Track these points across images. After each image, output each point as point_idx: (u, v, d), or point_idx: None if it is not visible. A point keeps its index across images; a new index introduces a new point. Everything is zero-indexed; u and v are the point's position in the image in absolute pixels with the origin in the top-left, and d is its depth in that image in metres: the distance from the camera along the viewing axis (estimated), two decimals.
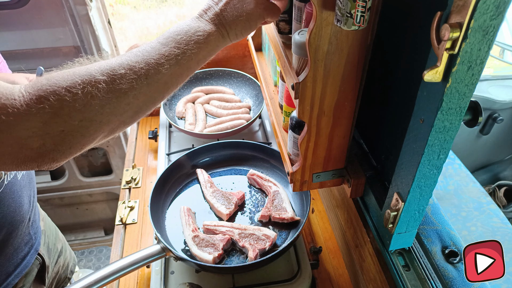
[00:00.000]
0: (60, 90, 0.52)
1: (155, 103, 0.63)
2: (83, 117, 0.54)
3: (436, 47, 0.46)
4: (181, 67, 0.61)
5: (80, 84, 0.53)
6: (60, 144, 0.54)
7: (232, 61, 1.58)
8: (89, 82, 0.54)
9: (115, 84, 0.55)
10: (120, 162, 2.12)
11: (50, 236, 1.19)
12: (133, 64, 0.57)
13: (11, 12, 1.56)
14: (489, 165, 2.33)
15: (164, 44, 0.60)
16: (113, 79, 0.55)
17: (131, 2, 4.69)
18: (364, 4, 0.54)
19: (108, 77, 0.55)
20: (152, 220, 0.98)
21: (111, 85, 0.55)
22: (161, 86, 0.61)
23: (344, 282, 1.04)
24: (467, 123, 0.60)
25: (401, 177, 0.65)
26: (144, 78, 0.57)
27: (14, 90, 0.52)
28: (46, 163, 0.55)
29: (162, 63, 0.59)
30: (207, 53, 0.64)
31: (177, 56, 0.60)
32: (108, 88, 0.55)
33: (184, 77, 0.64)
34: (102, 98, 0.54)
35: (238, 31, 0.65)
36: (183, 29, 0.62)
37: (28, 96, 0.51)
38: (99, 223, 2.43)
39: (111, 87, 0.55)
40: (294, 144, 0.83)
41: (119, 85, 0.55)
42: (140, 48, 0.60)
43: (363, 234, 0.89)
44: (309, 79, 0.64)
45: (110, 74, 0.55)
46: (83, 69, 0.55)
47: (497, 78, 2.21)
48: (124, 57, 0.58)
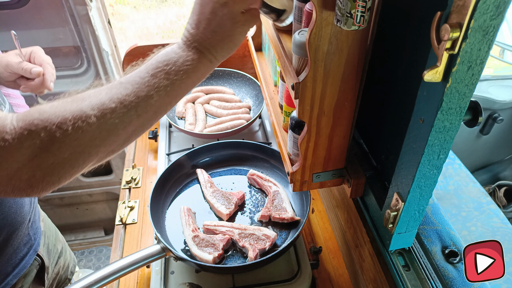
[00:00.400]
0: (51, 126, 0.53)
1: (144, 130, 0.64)
2: (73, 150, 0.55)
3: (436, 47, 0.46)
4: (170, 97, 0.61)
5: (71, 120, 0.54)
6: (49, 175, 0.55)
7: (232, 61, 1.58)
8: (79, 118, 0.54)
9: (106, 119, 0.56)
10: (120, 162, 2.12)
11: (50, 237, 1.19)
12: (124, 97, 0.57)
13: (11, 12, 1.56)
14: (489, 165, 2.33)
15: (154, 75, 0.60)
16: (103, 113, 0.56)
17: (131, 2, 4.69)
18: (364, 4, 0.54)
19: (99, 111, 0.55)
20: (152, 220, 0.98)
21: (101, 119, 0.56)
22: (150, 115, 0.61)
23: (344, 282, 1.04)
24: (467, 123, 0.60)
25: (401, 177, 0.65)
26: (134, 111, 0.58)
27: (6, 122, 0.52)
28: (35, 193, 0.56)
29: (151, 95, 0.59)
30: (197, 79, 0.64)
31: (167, 87, 0.60)
32: (98, 122, 0.55)
33: (173, 104, 0.64)
34: (93, 132, 0.55)
35: (225, 52, 0.65)
36: (172, 59, 0.61)
37: (19, 130, 0.52)
38: (99, 223, 2.43)
39: (102, 121, 0.56)
40: (294, 144, 0.83)
41: (109, 119, 0.56)
42: (130, 78, 0.60)
43: (363, 234, 0.89)
44: (309, 79, 0.64)
45: (101, 108, 0.56)
46: (75, 104, 0.55)
47: (497, 78, 2.21)
48: (114, 90, 0.58)
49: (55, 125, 0.53)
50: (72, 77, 1.79)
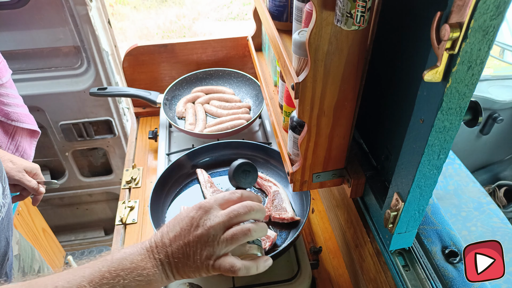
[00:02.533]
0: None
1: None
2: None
3: (436, 47, 0.46)
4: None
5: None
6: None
7: (232, 61, 1.58)
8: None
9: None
10: (120, 162, 2.13)
11: (26, 259, 1.15)
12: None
13: (11, 12, 1.57)
14: (489, 165, 2.33)
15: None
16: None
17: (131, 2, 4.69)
18: (364, 4, 0.54)
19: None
20: (152, 220, 0.98)
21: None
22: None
23: (344, 282, 1.04)
24: (467, 123, 0.60)
25: (401, 177, 0.65)
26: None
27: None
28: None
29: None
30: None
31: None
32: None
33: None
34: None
35: (185, 275, 0.62)
36: (125, 268, 0.57)
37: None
38: (99, 223, 2.43)
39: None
40: (294, 144, 0.83)
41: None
42: (64, 283, 0.54)
43: (363, 234, 0.89)
44: (309, 79, 0.64)
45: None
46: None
47: (497, 78, 2.21)
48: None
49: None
50: (72, 77, 1.79)
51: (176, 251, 0.61)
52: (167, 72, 1.57)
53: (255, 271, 0.63)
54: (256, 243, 0.68)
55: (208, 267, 0.61)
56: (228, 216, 0.63)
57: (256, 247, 0.67)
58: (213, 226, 0.61)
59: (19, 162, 1.05)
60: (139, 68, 1.54)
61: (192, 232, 0.61)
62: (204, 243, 0.61)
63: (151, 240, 0.63)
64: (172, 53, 1.52)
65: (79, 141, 2.00)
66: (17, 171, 1.02)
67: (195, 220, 0.62)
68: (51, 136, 1.96)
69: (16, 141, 1.41)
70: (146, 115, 1.63)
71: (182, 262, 0.61)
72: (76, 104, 1.85)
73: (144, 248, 0.61)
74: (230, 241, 0.61)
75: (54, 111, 1.87)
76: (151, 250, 0.61)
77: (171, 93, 1.49)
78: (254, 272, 0.63)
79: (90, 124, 1.95)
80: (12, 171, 1.01)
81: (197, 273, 0.62)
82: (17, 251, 1.08)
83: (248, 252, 0.66)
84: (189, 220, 0.62)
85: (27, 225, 1.76)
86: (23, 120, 1.39)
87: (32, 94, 1.77)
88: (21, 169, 1.04)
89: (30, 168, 1.06)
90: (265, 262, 0.66)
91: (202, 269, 0.61)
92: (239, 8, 4.64)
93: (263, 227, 0.66)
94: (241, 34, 1.52)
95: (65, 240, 2.38)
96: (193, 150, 1.20)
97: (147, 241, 0.63)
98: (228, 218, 0.63)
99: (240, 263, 0.62)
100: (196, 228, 0.61)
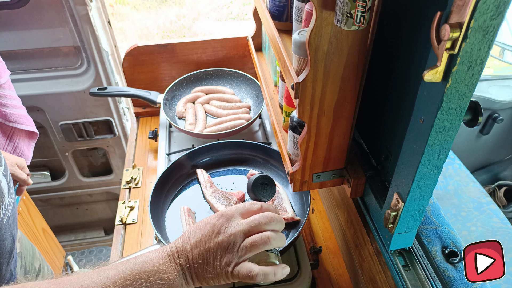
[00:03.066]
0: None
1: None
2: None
3: (436, 47, 0.46)
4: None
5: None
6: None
7: (232, 61, 1.58)
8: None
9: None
10: (120, 162, 2.13)
11: (27, 256, 1.18)
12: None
13: (11, 12, 1.57)
14: (489, 165, 2.33)
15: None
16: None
17: (131, 2, 4.69)
18: (364, 4, 0.54)
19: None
20: (152, 220, 0.98)
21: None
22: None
23: (344, 282, 1.04)
24: (467, 123, 0.60)
25: (401, 177, 0.65)
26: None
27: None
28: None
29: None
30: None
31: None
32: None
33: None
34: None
35: (204, 282, 0.63)
36: (147, 271, 0.59)
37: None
38: (99, 223, 2.43)
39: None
40: (294, 144, 0.83)
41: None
42: (90, 282, 0.57)
43: (363, 234, 0.89)
44: (309, 79, 0.64)
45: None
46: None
47: (497, 78, 2.21)
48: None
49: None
50: (72, 77, 1.79)
51: (196, 256, 0.62)
52: (167, 72, 1.57)
53: (273, 278, 0.64)
54: (274, 252, 0.68)
55: (228, 274, 0.62)
56: (249, 225, 0.64)
57: (274, 255, 0.68)
58: (234, 233, 0.62)
59: (11, 157, 1.16)
60: (139, 68, 1.54)
61: (213, 239, 0.62)
62: (224, 250, 0.62)
63: (173, 245, 0.64)
64: (172, 53, 1.52)
65: (79, 141, 2.00)
66: (10, 165, 1.13)
67: (216, 227, 0.63)
68: (51, 136, 1.96)
69: (14, 142, 1.41)
70: (146, 115, 1.63)
71: (202, 268, 0.62)
72: (76, 104, 1.85)
73: (165, 252, 0.62)
74: (250, 249, 0.62)
75: (54, 111, 1.87)
76: (172, 255, 0.62)
77: (171, 93, 1.49)
78: (272, 279, 0.64)
79: (90, 124, 1.95)
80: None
81: (216, 280, 0.63)
82: (18, 249, 1.10)
83: (267, 260, 0.66)
84: (210, 227, 0.64)
85: (27, 225, 1.75)
86: (21, 122, 1.39)
87: (32, 94, 1.77)
88: (14, 163, 1.14)
89: (20, 162, 1.17)
90: (283, 269, 0.66)
91: (222, 275, 0.62)
92: (239, 8, 4.64)
93: (282, 237, 0.67)
94: (241, 34, 1.52)
95: (65, 240, 2.38)
96: (193, 150, 1.20)
97: (168, 246, 0.64)
98: (249, 227, 0.64)
99: (258, 269, 0.62)
100: (217, 235, 0.62)
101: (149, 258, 0.61)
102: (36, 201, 1.87)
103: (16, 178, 1.13)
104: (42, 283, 0.56)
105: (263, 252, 0.66)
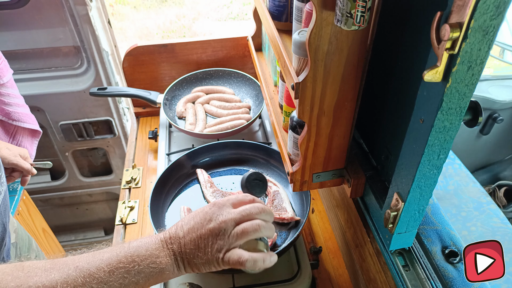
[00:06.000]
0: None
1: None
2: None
3: (436, 47, 0.46)
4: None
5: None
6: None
7: (232, 61, 1.58)
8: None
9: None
10: (120, 162, 2.13)
11: (23, 247, 1.18)
12: (76, 285, 0.56)
13: (11, 12, 1.57)
14: (489, 165, 2.33)
15: (111, 272, 0.58)
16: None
17: (131, 2, 4.70)
18: (364, 4, 0.54)
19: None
20: (152, 220, 0.98)
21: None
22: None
23: (344, 282, 1.04)
24: (467, 123, 0.60)
25: (401, 177, 0.65)
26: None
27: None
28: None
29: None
30: (154, 282, 0.63)
31: (120, 286, 0.58)
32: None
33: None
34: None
35: (195, 268, 0.65)
36: (140, 255, 0.60)
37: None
38: (99, 223, 2.43)
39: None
40: (294, 144, 0.83)
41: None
42: (91, 264, 0.58)
43: (363, 234, 0.89)
44: (309, 79, 0.64)
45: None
46: (22, 275, 0.54)
47: (497, 78, 2.21)
48: (71, 275, 0.56)
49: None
50: (72, 77, 1.79)
51: (188, 242, 0.64)
52: (167, 72, 1.57)
53: (262, 265, 0.66)
54: (263, 241, 0.70)
55: (218, 260, 0.64)
56: (240, 214, 0.66)
57: (263, 244, 0.70)
58: (225, 221, 0.65)
59: (14, 148, 1.18)
60: (139, 68, 1.54)
61: (205, 226, 0.64)
62: (216, 236, 0.64)
63: (166, 232, 0.66)
64: (172, 53, 1.52)
65: (79, 141, 2.00)
66: (14, 156, 1.15)
67: (208, 214, 0.66)
68: (51, 136, 1.96)
69: (17, 140, 1.41)
70: (146, 115, 1.63)
71: (193, 254, 0.64)
72: (76, 104, 1.85)
73: (159, 238, 0.65)
74: (241, 235, 0.64)
75: (54, 111, 1.87)
76: (165, 241, 0.64)
77: (171, 93, 1.49)
78: (261, 266, 0.66)
79: (90, 124, 1.95)
80: (10, 156, 1.14)
81: (207, 266, 0.64)
82: (14, 239, 1.10)
83: (256, 248, 0.68)
84: (203, 215, 0.66)
85: (27, 225, 1.75)
86: (24, 120, 1.39)
87: (32, 94, 1.77)
88: (17, 154, 1.16)
89: (23, 153, 1.19)
90: (271, 257, 0.68)
91: (213, 261, 0.64)
92: (239, 8, 4.64)
93: (271, 226, 0.70)
94: (241, 34, 1.52)
95: (65, 240, 2.38)
96: (193, 150, 1.20)
97: (162, 233, 0.66)
98: (240, 216, 0.66)
99: (247, 255, 0.64)
100: (209, 222, 0.65)
101: (143, 243, 0.63)
102: (36, 201, 1.87)
103: (19, 168, 1.16)
104: (39, 262, 0.58)
105: (253, 240, 0.67)
